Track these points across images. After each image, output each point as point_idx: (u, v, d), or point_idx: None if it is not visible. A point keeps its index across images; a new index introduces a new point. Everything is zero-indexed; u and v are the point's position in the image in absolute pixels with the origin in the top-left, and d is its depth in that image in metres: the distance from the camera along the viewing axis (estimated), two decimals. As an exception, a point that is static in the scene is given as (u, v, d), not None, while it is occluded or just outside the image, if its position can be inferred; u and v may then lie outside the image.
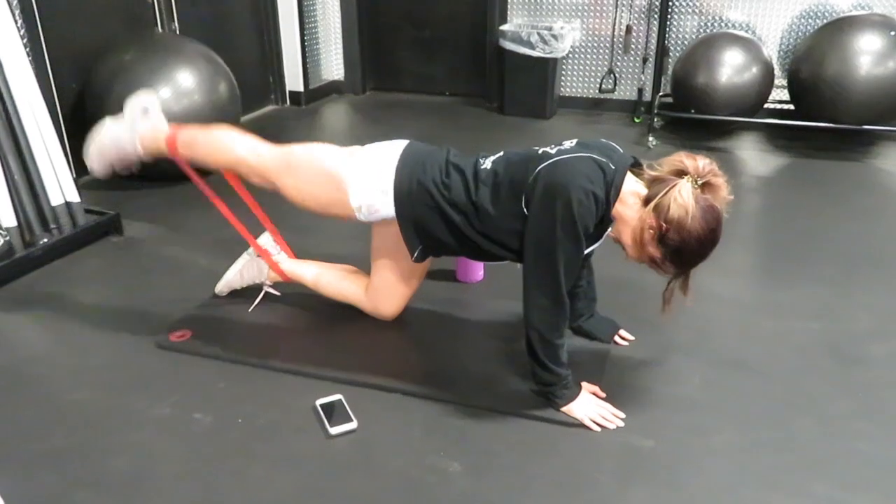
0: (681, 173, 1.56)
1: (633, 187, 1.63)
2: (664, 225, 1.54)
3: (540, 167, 1.64)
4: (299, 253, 2.25)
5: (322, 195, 1.86)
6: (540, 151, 1.70)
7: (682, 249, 1.55)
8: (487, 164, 1.77)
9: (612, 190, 1.60)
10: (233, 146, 1.93)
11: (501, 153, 1.80)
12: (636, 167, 1.68)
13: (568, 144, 1.70)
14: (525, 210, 1.66)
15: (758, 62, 3.69)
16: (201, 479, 1.53)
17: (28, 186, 2.52)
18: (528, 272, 1.67)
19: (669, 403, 1.76)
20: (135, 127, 1.99)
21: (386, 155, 1.83)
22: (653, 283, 1.69)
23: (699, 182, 1.54)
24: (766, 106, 3.87)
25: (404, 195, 1.79)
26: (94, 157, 2.04)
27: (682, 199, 1.51)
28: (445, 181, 1.76)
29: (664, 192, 1.54)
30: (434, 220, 1.78)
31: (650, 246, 1.58)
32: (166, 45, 3.16)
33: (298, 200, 1.89)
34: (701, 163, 1.56)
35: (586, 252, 1.68)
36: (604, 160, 1.62)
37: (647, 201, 1.58)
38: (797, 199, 3.12)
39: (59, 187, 2.59)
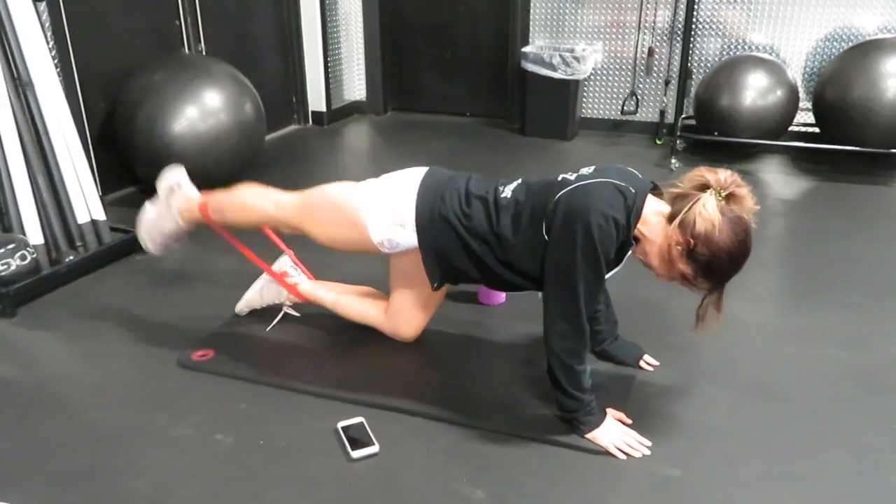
0: (703, 187, 1.55)
1: (655, 207, 1.62)
2: (691, 240, 1.52)
3: (560, 193, 1.63)
4: (320, 273, 2.25)
5: (344, 235, 1.88)
6: (559, 178, 1.70)
7: (713, 263, 1.53)
8: (507, 192, 1.76)
9: (632, 214, 1.59)
10: (256, 204, 2.00)
11: (520, 181, 1.79)
12: (655, 191, 1.68)
13: (587, 171, 1.70)
14: (546, 237, 1.65)
15: (782, 85, 3.67)
16: (222, 501, 1.52)
17: (55, 205, 2.55)
18: (549, 298, 1.65)
19: (696, 432, 1.73)
20: (171, 204, 2.09)
21: (402, 187, 1.84)
22: (677, 308, 1.67)
23: (723, 194, 1.52)
24: (790, 129, 3.84)
25: (426, 228, 1.79)
26: (146, 241, 2.14)
27: (708, 212, 1.50)
28: (466, 211, 1.76)
29: (688, 207, 1.53)
30: (456, 251, 1.78)
31: (680, 263, 1.56)
32: (193, 65, 3.20)
33: (326, 242, 1.92)
34: (723, 175, 1.54)
35: (606, 277, 1.66)
36: (623, 185, 1.61)
37: (671, 218, 1.56)
38: (823, 224, 3.07)
39: (86, 205, 2.63)
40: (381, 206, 1.83)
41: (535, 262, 1.69)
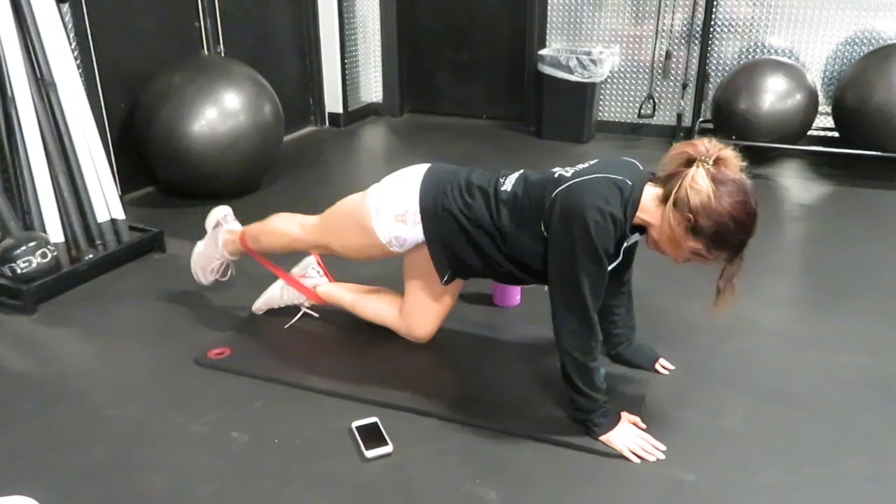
0: (689, 162, 1.55)
1: (652, 193, 1.61)
2: (690, 215, 1.51)
3: (556, 191, 1.64)
4: (338, 275, 2.26)
5: (359, 243, 1.92)
6: (556, 175, 1.70)
7: (720, 232, 1.52)
8: (508, 185, 1.77)
9: (629, 206, 1.59)
10: (284, 230, 2.09)
11: (521, 172, 1.80)
12: (653, 178, 1.66)
13: (586, 165, 1.70)
14: (545, 233, 1.65)
15: (801, 89, 3.64)
16: (237, 499, 1.53)
17: (76, 203, 2.58)
18: (555, 297, 1.66)
19: (712, 436, 1.72)
20: (217, 238, 2.22)
21: (404, 184, 1.85)
22: (693, 312, 1.66)
23: (710, 162, 1.52)
24: (809, 133, 3.81)
25: (430, 221, 1.80)
26: (198, 274, 2.28)
27: (698, 184, 1.50)
28: (469, 202, 1.77)
29: (678, 184, 1.53)
30: (461, 243, 1.79)
31: (687, 240, 1.56)
32: (213, 66, 3.23)
33: (346, 254, 1.99)
34: (703, 145, 1.54)
35: (611, 267, 1.65)
36: (620, 178, 1.61)
37: (664, 199, 1.56)
38: (843, 229, 3.04)
39: (106, 204, 2.66)
40: (384, 205, 1.84)
41: (537, 256, 1.70)
